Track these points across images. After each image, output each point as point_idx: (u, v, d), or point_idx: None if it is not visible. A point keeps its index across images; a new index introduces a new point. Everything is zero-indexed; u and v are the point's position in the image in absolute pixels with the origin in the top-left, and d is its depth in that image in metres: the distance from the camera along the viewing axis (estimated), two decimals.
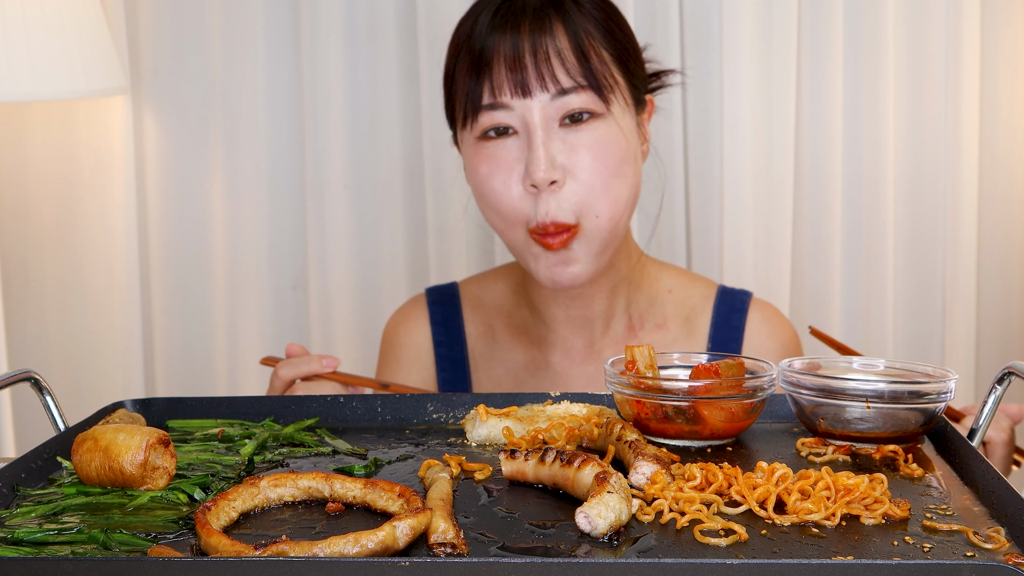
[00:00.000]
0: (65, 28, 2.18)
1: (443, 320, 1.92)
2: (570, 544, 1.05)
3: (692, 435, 1.34)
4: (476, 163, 1.70)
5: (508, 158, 1.67)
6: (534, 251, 1.69)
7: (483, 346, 1.90)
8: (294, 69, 2.52)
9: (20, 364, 2.55)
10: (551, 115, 1.65)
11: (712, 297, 1.89)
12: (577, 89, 1.65)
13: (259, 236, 2.56)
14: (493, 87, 1.66)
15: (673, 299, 1.88)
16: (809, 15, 2.42)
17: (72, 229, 2.56)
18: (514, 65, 1.65)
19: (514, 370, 1.87)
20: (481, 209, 1.75)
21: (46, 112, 2.52)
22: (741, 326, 1.87)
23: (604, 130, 1.67)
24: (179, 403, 1.50)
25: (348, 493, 1.15)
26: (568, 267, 1.69)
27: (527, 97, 1.65)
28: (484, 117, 1.67)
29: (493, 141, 1.68)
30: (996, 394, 1.35)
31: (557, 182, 1.65)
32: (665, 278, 1.89)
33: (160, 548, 1.02)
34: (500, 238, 1.76)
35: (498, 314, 1.91)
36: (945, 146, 2.44)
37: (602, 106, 1.67)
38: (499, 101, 1.66)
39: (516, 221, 1.69)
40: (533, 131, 1.65)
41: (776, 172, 2.44)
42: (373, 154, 2.53)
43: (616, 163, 1.68)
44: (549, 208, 1.65)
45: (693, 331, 1.87)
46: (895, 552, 1.03)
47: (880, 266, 2.46)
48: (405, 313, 1.96)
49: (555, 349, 1.85)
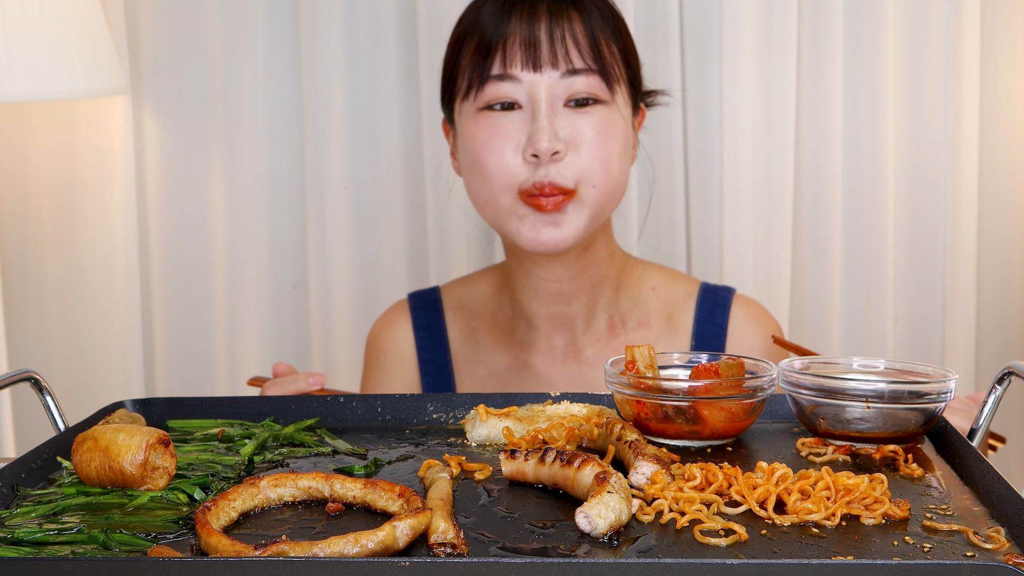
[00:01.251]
0: (65, 28, 2.18)
1: (426, 325, 1.93)
2: (570, 544, 1.05)
3: (692, 435, 1.34)
4: (474, 132, 1.72)
5: (510, 128, 1.70)
6: (520, 212, 1.70)
7: (466, 349, 1.91)
8: (294, 69, 2.52)
9: (20, 364, 2.55)
10: (558, 94, 1.69)
11: (695, 294, 1.90)
12: (587, 72, 1.69)
13: (259, 236, 2.56)
14: (505, 59, 1.69)
15: (656, 297, 1.88)
16: (809, 16, 2.42)
17: (72, 229, 2.56)
18: (529, 41, 1.69)
19: (497, 371, 1.88)
20: (468, 180, 1.76)
21: (46, 112, 2.52)
22: (724, 322, 1.87)
23: (607, 115, 1.71)
24: (179, 403, 1.50)
25: (348, 493, 1.15)
26: (556, 228, 1.70)
27: (537, 71, 1.68)
28: (491, 87, 1.70)
29: (496, 113, 1.71)
30: (996, 394, 1.35)
31: (559, 153, 1.68)
32: (648, 276, 1.90)
33: (160, 548, 1.02)
34: (481, 212, 1.76)
35: (480, 316, 1.92)
36: (945, 146, 2.44)
37: (607, 94, 1.71)
38: (508, 72, 1.69)
39: (507, 185, 1.70)
40: (539, 104, 1.68)
41: (776, 172, 2.44)
42: (373, 154, 2.53)
43: (617, 146, 1.72)
44: (549, 172, 1.67)
45: (676, 329, 1.87)
46: (895, 552, 1.03)
47: (880, 266, 2.46)
48: (388, 320, 1.97)
49: (537, 349, 1.86)
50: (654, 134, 2.45)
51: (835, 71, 2.42)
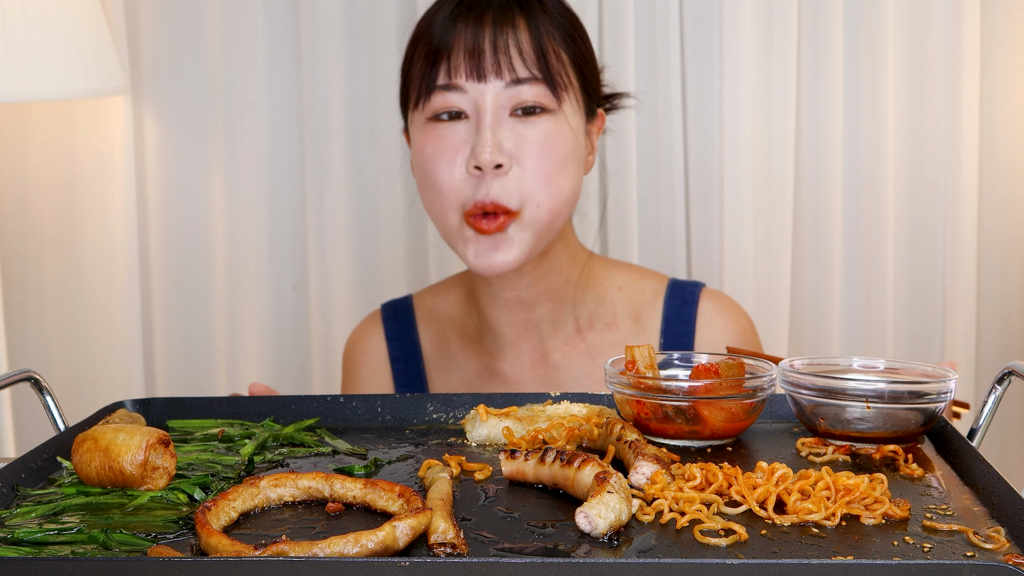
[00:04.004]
0: (65, 28, 2.18)
1: (398, 335, 1.93)
2: (570, 544, 1.05)
3: (692, 435, 1.34)
4: (423, 144, 1.71)
5: (456, 140, 1.68)
6: (466, 235, 1.70)
7: (438, 357, 1.91)
8: (294, 69, 2.52)
9: (20, 364, 2.55)
10: (503, 103, 1.67)
11: (663, 292, 1.88)
12: (531, 81, 1.67)
13: (259, 236, 2.56)
14: (450, 68, 1.68)
15: (623, 296, 1.87)
16: (809, 16, 2.42)
17: (72, 229, 2.56)
18: (473, 51, 1.67)
19: (467, 379, 1.88)
20: (421, 193, 1.76)
21: (46, 112, 2.52)
22: (692, 318, 1.86)
23: (553, 125, 1.69)
24: (179, 403, 1.50)
25: (348, 493, 1.15)
26: (499, 251, 1.69)
27: (481, 81, 1.67)
28: (437, 98, 1.69)
29: (443, 123, 1.70)
30: (996, 394, 1.35)
31: (503, 166, 1.66)
32: (615, 276, 1.88)
33: (160, 548, 1.02)
34: (435, 225, 1.76)
35: (451, 324, 1.91)
36: (945, 146, 2.44)
37: (554, 102, 1.69)
38: (453, 83, 1.68)
39: (454, 204, 1.69)
40: (483, 115, 1.67)
41: (776, 173, 2.44)
42: (373, 154, 2.53)
43: (562, 158, 1.69)
44: (491, 189, 1.66)
45: (644, 327, 1.85)
46: (895, 552, 1.03)
47: (880, 266, 2.46)
48: (362, 331, 1.97)
49: (504, 355, 1.85)
50: (655, 134, 2.46)
51: (835, 71, 2.42)
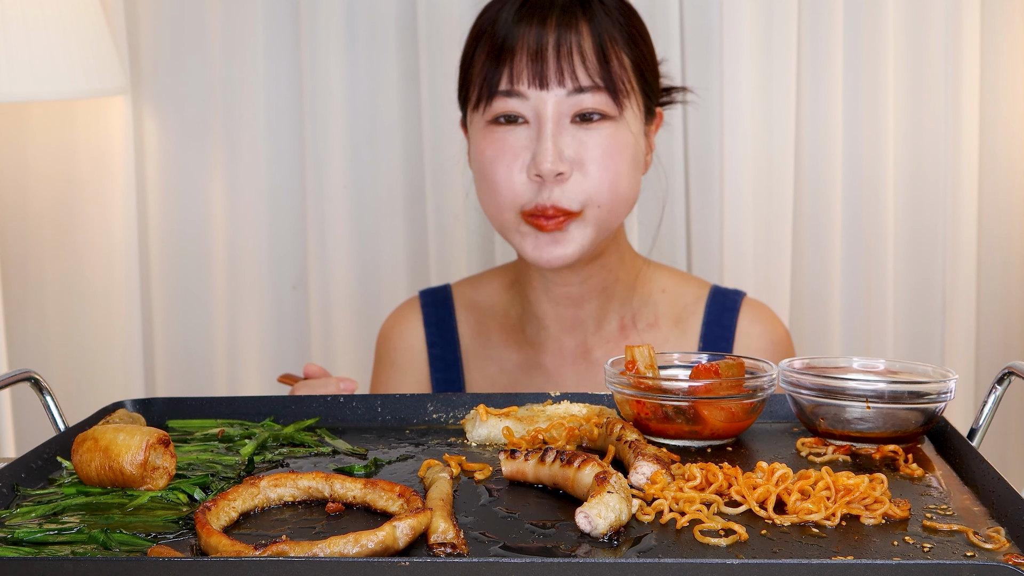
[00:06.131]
0: (65, 28, 2.18)
1: (437, 322, 1.93)
2: (570, 544, 1.05)
3: (692, 435, 1.34)
4: (483, 146, 1.72)
5: (516, 145, 1.69)
6: (523, 229, 1.71)
7: (477, 346, 1.91)
8: (294, 69, 2.52)
9: (20, 364, 2.55)
10: (564, 110, 1.68)
11: (704, 297, 1.90)
12: (593, 89, 1.68)
13: (259, 236, 2.56)
14: (512, 74, 1.68)
15: (666, 299, 1.89)
16: (809, 15, 2.41)
17: (72, 229, 2.56)
18: (536, 56, 1.67)
19: (507, 369, 1.88)
20: (478, 188, 1.77)
21: (46, 112, 2.52)
22: (732, 325, 1.88)
23: (614, 131, 1.69)
24: (179, 403, 1.50)
25: (348, 493, 1.15)
26: (558, 245, 1.70)
27: (544, 89, 1.67)
28: (498, 102, 1.69)
29: (503, 127, 1.70)
30: (996, 394, 1.35)
31: (563, 174, 1.67)
32: (659, 279, 1.90)
33: (160, 548, 1.02)
34: (489, 220, 1.77)
35: (492, 315, 1.92)
36: (945, 146, 2.44)
37: (615, 109, 1.69)
38: (516, 89, 1.68)
39: (512, 204, 1.70)
40: (544, 123, 1.67)
41: (776, 173, 2.44)
42: (373, 154, 2.53)
43: (623, 163, 1.70)
44: (552, 194, 1.67)
45: (685, 330, 1.87)
46: (895, 552, 1.03)
47: (880, 266, 2.45)
48: (399, 316, 1.97)
49: (547, 349, 1.86)
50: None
51: (835, 71, 2.42)
